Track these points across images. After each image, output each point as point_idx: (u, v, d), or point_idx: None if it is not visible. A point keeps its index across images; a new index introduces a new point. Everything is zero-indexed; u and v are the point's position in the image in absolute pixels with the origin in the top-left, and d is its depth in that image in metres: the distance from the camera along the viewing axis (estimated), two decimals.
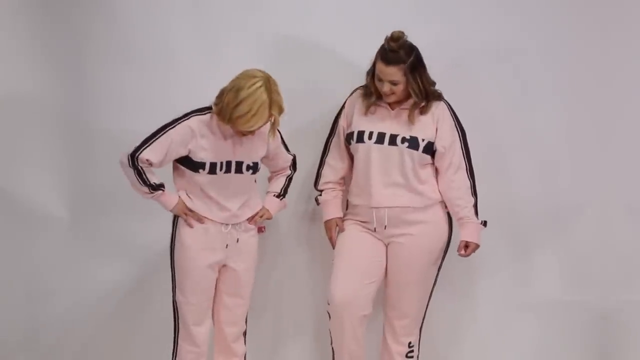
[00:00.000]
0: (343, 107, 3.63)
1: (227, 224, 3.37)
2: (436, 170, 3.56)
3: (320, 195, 3.68)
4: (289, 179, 3.60)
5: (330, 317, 3.56)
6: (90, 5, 3.84)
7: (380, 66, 3.40)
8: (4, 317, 3.93)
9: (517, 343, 3.97)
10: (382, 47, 3.41)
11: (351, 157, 3.62)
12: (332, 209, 3.65)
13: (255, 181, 3.48)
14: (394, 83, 3.41)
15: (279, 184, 3.58)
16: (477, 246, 3.54)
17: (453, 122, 3.53)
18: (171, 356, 3.46)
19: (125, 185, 3.38)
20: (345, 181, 3.68)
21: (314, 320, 3.94)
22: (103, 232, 3.90)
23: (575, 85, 3.91)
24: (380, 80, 3.43)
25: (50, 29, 3.84)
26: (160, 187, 3.35)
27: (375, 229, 3.53)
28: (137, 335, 3.92)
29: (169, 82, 3.76)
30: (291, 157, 3.59)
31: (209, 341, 3.47)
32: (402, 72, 3.39)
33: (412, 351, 3.61)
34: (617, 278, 3.92)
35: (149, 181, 3.32)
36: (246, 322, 3.52)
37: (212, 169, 3.32)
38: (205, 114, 3.33)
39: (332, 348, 3.63)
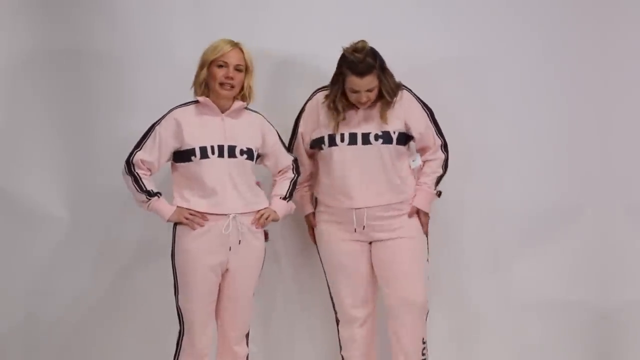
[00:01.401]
0: (303, 110, 3.64)
1: (227, 225, 3.35)
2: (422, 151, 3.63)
3: None
4: (293, 183, 3.57)
5: (339, 323, 3.65)
6: (91, 5, 3.83)
7: (355, 80, 3.42)
8: (4, 316, 3.92)
9: (517, 343, 3.96)
10: (349, 61, 3.41)
11: (311, 157, 3.67)
12: (305, 206, 3.71)
13: (258, 184, 3.48)
14: (370, 90, 3.45)
15: (283, 187, 3.55)
16: (426, 214, 3.60)
17: (420, 106, 3.58)
18: (172, 357, 3.45)
19: (125, 185, 3.38)
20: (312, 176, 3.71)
21: (316, 321, 3.94)
22: (103, 232, 3.89)
23: (576, 85, 3.92)
24: (356, 92, 3.45)
25: (50, 29, 3.83)
26: (157, 194, 3.37)
27: (355, 229, 3.54)
28: (136, 335, 3.91)
29: (169, 82, 3.75)
30: (292, 159, 3.58)
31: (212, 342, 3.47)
32: (376, 77, 3.44)
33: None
34: (617, 278, 3.92)
35: (146, 187, 3.34)
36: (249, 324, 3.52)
37: (204, 154, 3.32)
38: (187, 105, 3.41)
39: (342, 356, 3.68)
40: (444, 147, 3.60)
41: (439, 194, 3.63)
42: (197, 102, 3.40)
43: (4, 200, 3.86)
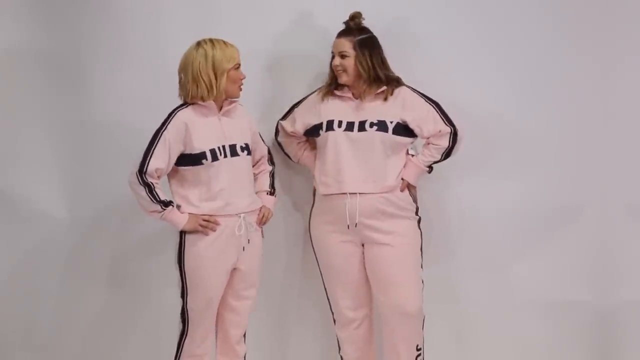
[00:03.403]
0: (305, 98, 3.68)
1: (240, 226, 3.34)
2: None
3: None
4: (272, 175, 3.61)
5: (336, 324, 3.66)
6: (90, 5, 3.83)
7: (334, 41, 3.53)
8: (3, 316, 3.93)
9: (516, 343, 3.96)
10: None
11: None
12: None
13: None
14: (343, 55, 3.49)
15: (264, 181, 3.58)
16: (413, 187, 3.60)
17: (422, 99, 3.57)
18: (173, 357, 3.45)
19: (125, 185, 3.37)
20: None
21: (315, 320, 3.94)
22: (103, 233, 3.90)
23: (576, 85, 3.91)
24: (334, 57, 3.52)
25: (48, 29, 3.83)
26: (170, 203, 3.33)
27: (348, 226, 3.52)
28: (136, 336, 3.92)
29: (170, 82, 3.73)
30: (266, 148, 3.61)
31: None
32: (351, 44, 3.49)
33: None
34: (617, 278, 3.92)
35: (160, 197, 3.28)
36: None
37: (214, 156, 3.31)
38: (186, 106, 3.37)
39: (341, 356, 3.71)
40: (453, 135, 3.56)
41: (430, 170, 3.63)
42: (192, 103, 3.37)
43: (4, 200, 3.87)
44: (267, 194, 3.56)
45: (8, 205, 3.87)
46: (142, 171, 3.25)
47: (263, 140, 3.60)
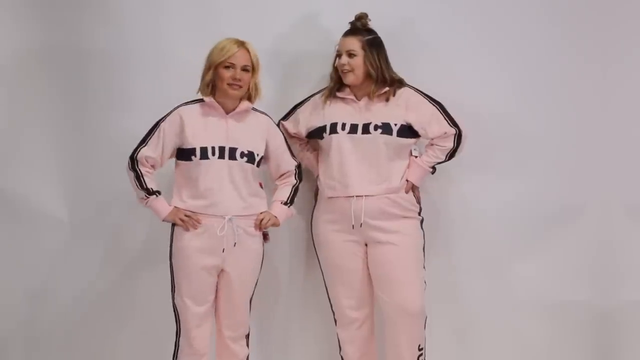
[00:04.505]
0: (308, 99, 3.68)
1: (222, 227, 3.34)
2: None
3: None
4: (295, 189, 3.57)
5: (337, 324, 3.65)
6: (90, 5, 3.84)
7: (341, 40, 3.52)
8: (4, 317, 3.92)
9: (516, 343, 3.96)
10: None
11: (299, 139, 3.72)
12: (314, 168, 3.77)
13: (261, 186, 3.49)
14: (351, 54, 3.48)
15: (284, 192, 3.55)
16: (416, 188, 3.61)
17: (425, 100, 3.57)
18: (172, 357, 3.46)
19: (125, 185, 3.40)
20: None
21: (316, 321, 3.94)
22: (103, 233, 3.89)
23: (576, 85, 3.92)
24: (339, 56, 3.51)
25: (49, 29, 3.83)
26: (156, 192, 3.37)
27: (353, 226, 3.52)
28: (135, 336, 3.91)
29: (170, 82, 3.76)
30: (295, 163, 3.57)
31: (211, 343, 3.48)
32: (360, 43, 3.49)
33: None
34: (617, 278, 3.92)
35: (146, 185, 3.35)
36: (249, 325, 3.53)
37: (204, 154, 3.33)
38: (193, 103, 3.41)
39: (341, 356, 3.70)
40: (458, 137, 3.57)
41: (434, 170, 3.63)
42: (202, 101, 3.40)
43: (4, 200, 3.87)
44: (281, 203, 3.53)
45: (8, 205, 3.87)
46: (132, 157, 3.36)
47: (293, 156, 3.58)
